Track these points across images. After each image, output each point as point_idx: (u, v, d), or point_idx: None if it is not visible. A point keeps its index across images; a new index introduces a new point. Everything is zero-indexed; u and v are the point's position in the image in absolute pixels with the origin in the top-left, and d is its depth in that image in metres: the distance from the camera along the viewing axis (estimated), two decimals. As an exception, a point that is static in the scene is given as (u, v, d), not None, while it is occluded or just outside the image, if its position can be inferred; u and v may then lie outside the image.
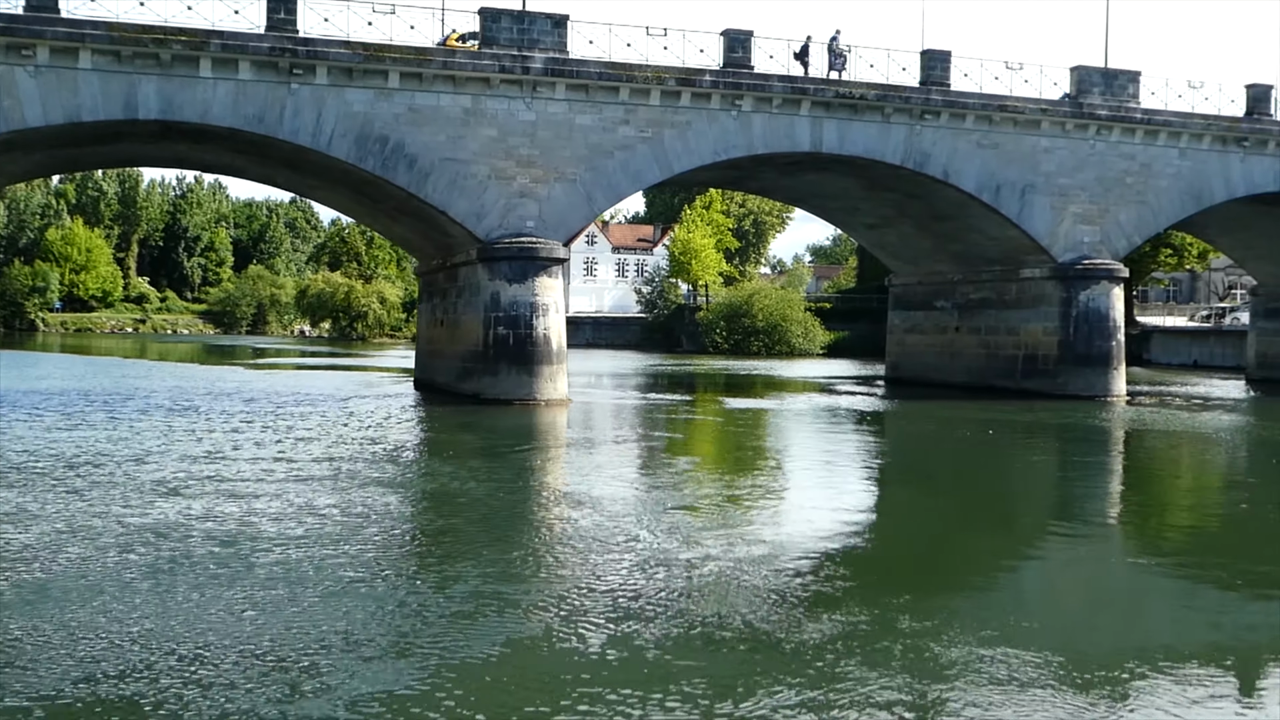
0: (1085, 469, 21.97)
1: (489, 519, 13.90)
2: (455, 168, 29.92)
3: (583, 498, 15.51)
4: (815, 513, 15.19)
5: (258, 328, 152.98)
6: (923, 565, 12.52)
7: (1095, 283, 35.80)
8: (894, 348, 45.28)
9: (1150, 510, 17.50)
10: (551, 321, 30.26)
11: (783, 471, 19.64)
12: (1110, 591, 11.19)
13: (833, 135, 33.26)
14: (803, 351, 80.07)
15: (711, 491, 16.54)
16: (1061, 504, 17.53)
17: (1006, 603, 10.73)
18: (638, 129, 31.59)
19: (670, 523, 13.62)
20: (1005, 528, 15.15)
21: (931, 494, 18.22)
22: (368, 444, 21.03)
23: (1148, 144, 36.61)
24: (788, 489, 17.60)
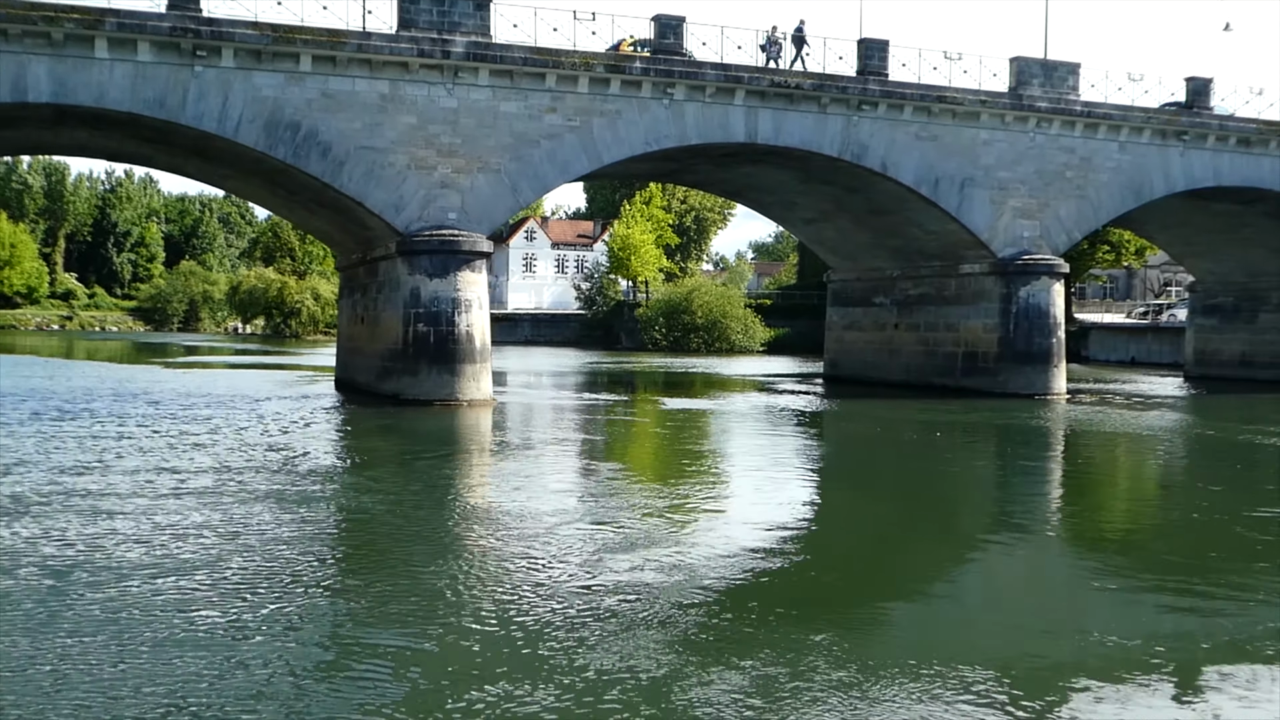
0: (1026, 472, 21.04)
1: (388, 542, 12.51)
2: (372, 156, 28.42)
3: (499, 513, 14.25)
4: (750, 524, 14.05)
5: (190, 325, 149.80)
6: (861, 572, 12.02)
7: (1035, 278, 35.03)
8: (832, 345, 44.33)
9: (1091, 513, 16.65)
10: (475, 318, 28.86)
11: (716, 478, 18.42)
12: (1051, 596, 10.97)
13: (768, 126, 32.16)
14: (743, 348, 79.19)
15: (639, 502, 15.28)
16: (1003, 508, 16.55)
17: (946, 607, 10.47)
18: (565, 117, 30.28)
19: (595, 538, 12.46)
20: (945, 532, 14.35)
21: (871, 498, 17.18)
22: (267, 451, 19.54)
23: (1088, 137, 35.93)
24: (721, 497, 16.40)
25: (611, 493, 16.22)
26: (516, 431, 24.89)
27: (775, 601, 10.05)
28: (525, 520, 13.47)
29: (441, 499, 15.29)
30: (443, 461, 19.55)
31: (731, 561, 11.72)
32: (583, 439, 24.26)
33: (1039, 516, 16.04)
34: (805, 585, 10.90)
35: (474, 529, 13.16)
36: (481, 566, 11.09)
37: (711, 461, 20.78)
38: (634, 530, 13.06)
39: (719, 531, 13.52)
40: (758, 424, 27.65)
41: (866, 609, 10.15)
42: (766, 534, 13.41)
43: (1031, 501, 17.47)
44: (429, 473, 18.10)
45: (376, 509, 14.35)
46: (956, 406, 31.53)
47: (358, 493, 15.52)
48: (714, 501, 15.93)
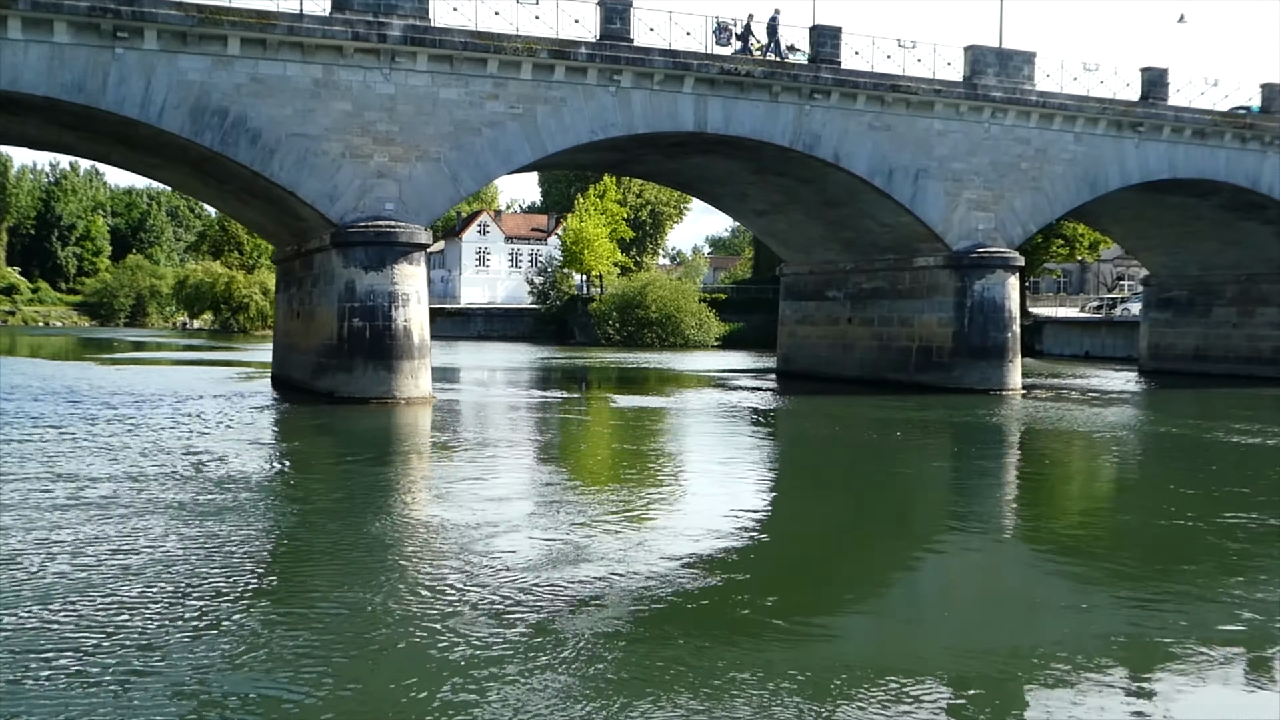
0: (981, 473, 20.23)
1: (295, 560, 11.47)
2: (305, 144, 27.23)
3: (425, 523, 13.23)
4: (696, 530, 13.08)
5: (137, 320, 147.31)
6: (811, 577, 11.51)
7: (990, 272, 34.38)
8: (785, 340, 43.54)
9: (1046, 514, 15.90)
10: (413, 313, 27.75)
11: (661, 483, 17.39)
12: (1005, 598, 10.65)
13: (718, 115, 31.25)
14: (697, 343, 78.38)
15: (576, 508, 14.25)
16: (957, 510, 15.70)
17: (898, 612, 10.20)
18: (508, 105, 29.21)
19: (529, 548, 11.56)
20: (897, 535, 13.67)
21: (822, 500, 16.31)
22: (181, 456, 18.33)
23: (1043, 128, 35.31)
24: (666, 502, 15.39)
25: (550, 499, 15.21)
26: (454, 432, 23.81)
27: (721, 609, 9.60)
28: (452, 531, 12.46)
29: (363, 508, 14.17)
30: (370, 465, 18.44)
31: (676, 569, 10.99)
32: (523, 439, 23.23)
33: (993, 518, 15.35)
34: (752, 591, 10.30)
35: (395, 541, 12.11)
36: (399, 585, 10.07)
37: (657, 464, 19.78)
38: (569, 539, 12.09)
39: (663, 539, 12.59)
40: (706, 423, 26.75)
41: (816, 615, 9.72)
42: (713, 541, 12.55)
43: (986, 502, 16.69)
44: (353, 478, 17.03)
45: (288, 521, 13.29)
46: (911, 403, 30.79)
47: (271, 502, 14.44)
48: (658, 507, 14.94)
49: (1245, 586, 10.61)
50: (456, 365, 51.25)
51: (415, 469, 18.42)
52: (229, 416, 24.96)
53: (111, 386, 33.41)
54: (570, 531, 12.57)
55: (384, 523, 13.06)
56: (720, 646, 8.42)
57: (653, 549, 11.90)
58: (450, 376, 42.15)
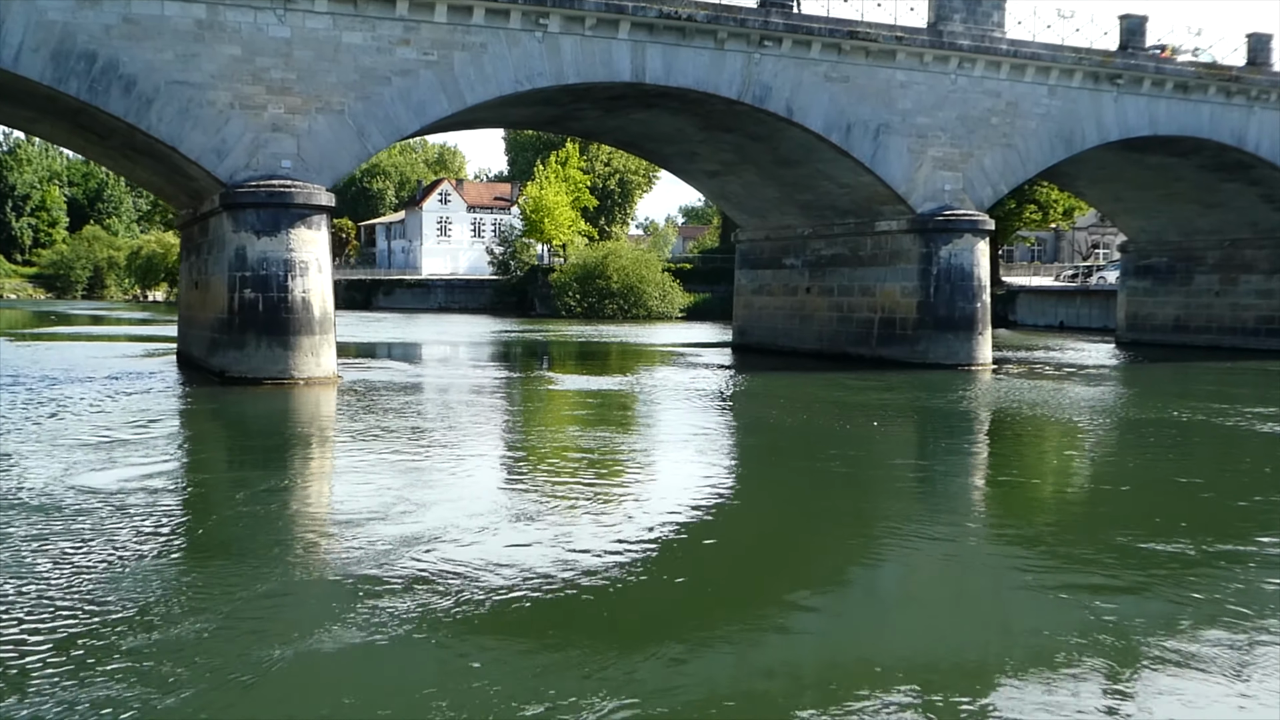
0: (945, 464, 17.46)
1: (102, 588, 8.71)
2: (187, 93, 24.20)
3: (296, 540, 10.44)
4: (632, 529, 10.93)
5: (95, 292, 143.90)
6: (763, 572, 10.06)
7: (958, 236, 31.67)
8: (741, 311, 40.78)
9: (1016, 503, 13.60)
10: (313, 283, 24.83)
11: (587, 481, 14.52)
12: (973, 590, 9.67)
13: (657, 64, 28.34)
14: (660, 315, 75.68)
15: (480, 510, 11.53)
16: (918, 503, 13.18)
17: (858, 605, 9.21)
18: (421, 51, 26.23)
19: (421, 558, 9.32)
20: (856, 526, 12.12)
21: (772, 492, 13.83)
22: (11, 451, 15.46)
23: (1014, 80, 32.54)
24: (593, 502, 12.61)
25: (449, 498, 12.44)
26: (351, 419, 20.85)
27: (660, 608, 8.78)
28: (347, 553, 9.70)
29: (194, 522, 11.37)
30: (230, 463, 15.55)
31: (611, 567, 9.72)
32: (431, 426, 20.17)
33: (958, 509, 13.25)
34: (701, 587, 9.45)
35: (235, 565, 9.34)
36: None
37: (580, 459, 16.82)
38: (471, 539, 10.22)
39: (592, 539, 10.65)
40: (645, 408, 23.69)
41: (770, 611, 8.73)
42: (652, 538, 10.88)
43: (949, 493, 14.06)
44: (201, 478, 14.16)
45: (96, 559, 10.45)
46: (871, 381, 28.07)
47: (69, 514, 11.59)
48: (584, 507, 12.21)
49: (1229, 577, 9.66)
50: (391, 340, 48.46)
51: (286, 465, 15.56)
52: (97, 397, 21.99)
53: (11, 364, 30.37)
54: (473, 534, 10.45)
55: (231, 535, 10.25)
56: (659, 648, 7.66)
57: (580, 549, 10.20)
58: (376, 353, 39.29)
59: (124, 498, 12.15)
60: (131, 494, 12.38)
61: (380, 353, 39.84)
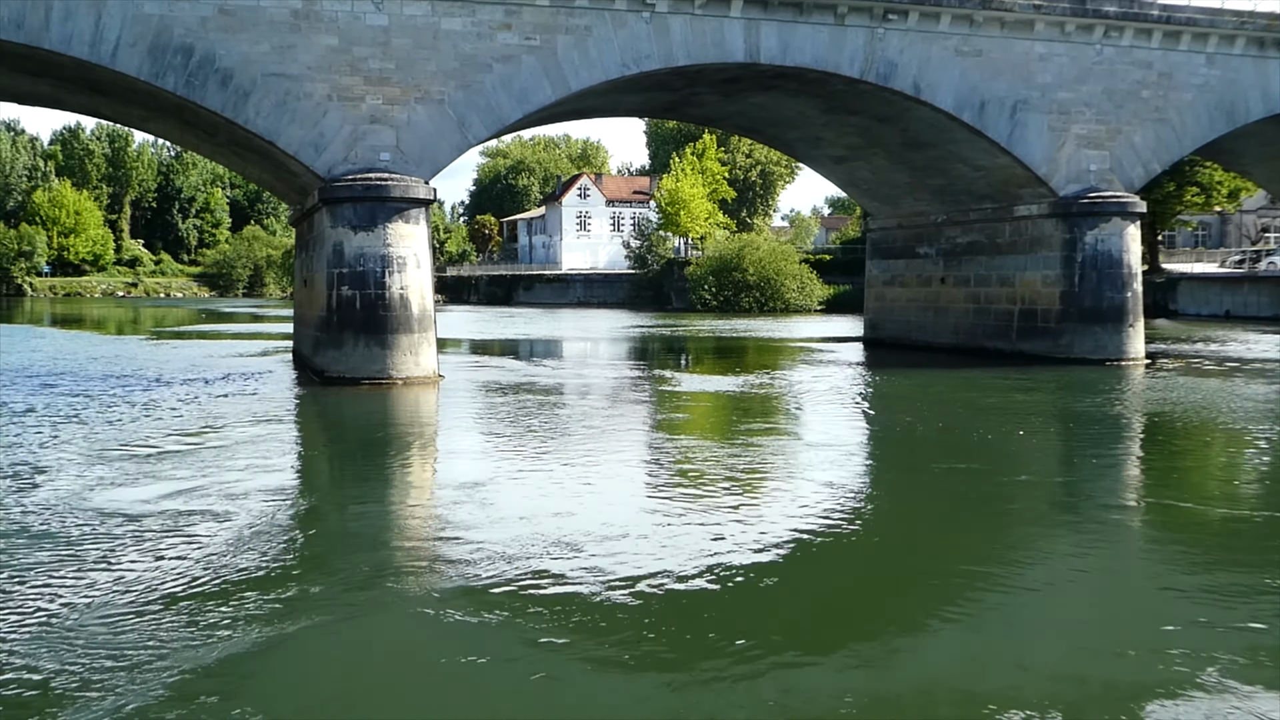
0: (1093, 492, 15.48)
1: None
2: (284, 86, 23.67)
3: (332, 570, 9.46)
4: (764, 537, 10.25)
5: (255, 290, 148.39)
6: (896, 584, 9.56)
7: (1105, 220, 29.20)
8: (872, 303, 38.77)
9: (1175, 514, 11.98)
10: (410, 279, 24.05)
11: (695, 494, 13.06)
12: (1127, 608, 8.73)
13: (773, 42, 26.75)
14: (799, 308, 73.57)
15: (592, 525, 10.53)
16: (1067, 510, 11.61)
17: (996, 621, 8.42)
18: (523, 36, 25.21)
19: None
20: (996, 530, 11.53)
21: (904, 508, 12.19)
22: (66, 463, 14.92)
23: (1167, 49, 29.85)
24: (716, 515, 11.35)
25: (566, 508, 11.36)
26: (445, 423, 19.94)
27: (795, 623, 8.28)
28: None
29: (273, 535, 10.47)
30: (317, 467, 14.70)
31: (738, 577, 9.30)
32: (528, 430, 18.99)
33: (1108, 528, 11.55)
34: (830, 603, 9.00)
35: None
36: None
37: (684, 465, 15.28)
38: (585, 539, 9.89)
39: (722, 550, 10.09)
40: (765, 413, 22.01)
41: (901, 625, 8.26)
42: (772, 554, 10.11)
43: (1100, 512, 12.12)
44: (283, 485, 13.30)
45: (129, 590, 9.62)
46: (1011, 378, 25.94)
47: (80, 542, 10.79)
48: (685, 518, 11.06)
49: None
50: (516, 336, 47.84)
51: (365, 475, 14.61)
52: (189, 399, 21.56)
53: (130, 363, 30.58)
54: (582, 543, 10.13)
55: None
56: (786, 662, 7.35)
57: (697, 561, 9.66)
58: (497, 350, 38.62)
59: (166, 512, 11.30)
60: (166, 510, 11.52)
61: (503, 350, 39.19)
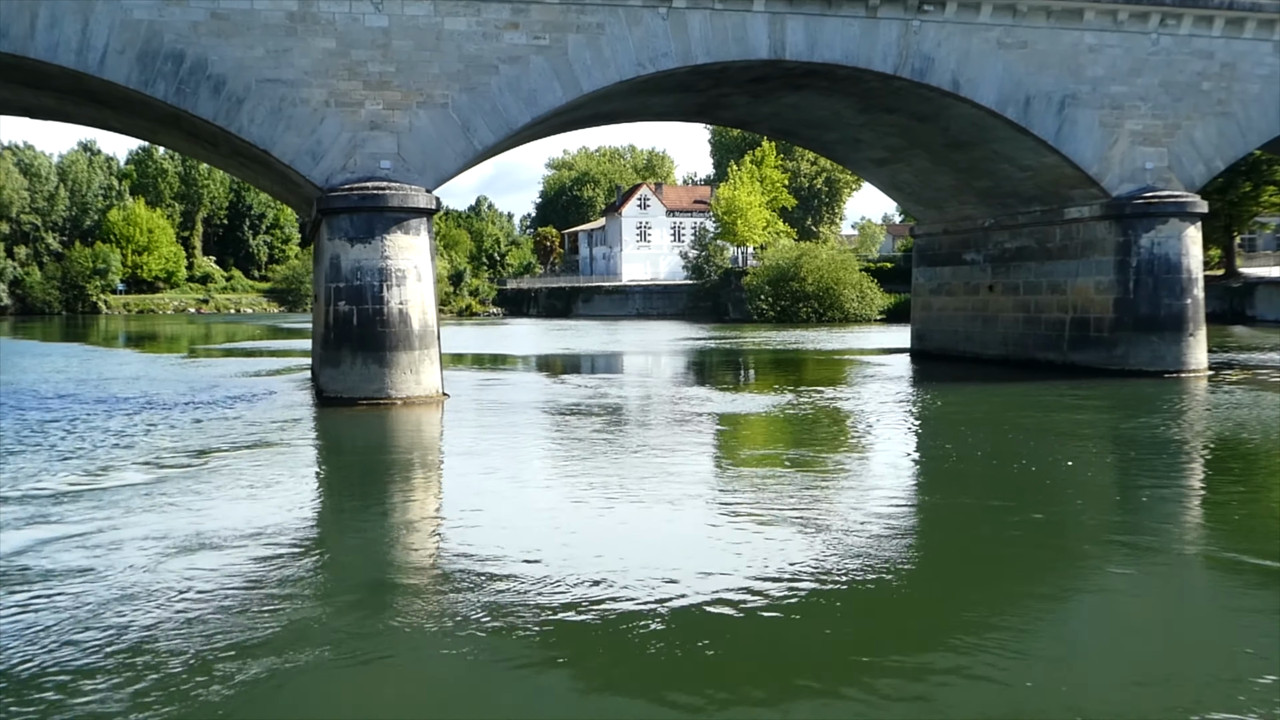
0: (1139, 542, 13.71)
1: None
2: (279, 92, 22.65)
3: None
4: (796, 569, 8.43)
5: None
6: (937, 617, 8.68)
7: (1161, 221, 27.18)
8: (919, 313, 36.88)
9: (1236, 547, 10.28)
10: (410, 293, 22.85)
11: (715, 525, 11.63)
12: (1188, 639, 7.97)
13: (799, 38, 25.21)
14: (859, 317, 71.59)
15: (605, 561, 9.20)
16: (1125, 536, 9.82)
17: (1047, 655, 7.60)
18: (531, 35, 23.96)
19: None
20: (1049, 556, 10.48)
21: (952, 539, 10.65)
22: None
23: (1230, 37, 27.77)
24: (722, 552, 9.97)
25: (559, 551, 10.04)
26: (438, 447, 18.68)
27: (834, 658, 7.70)
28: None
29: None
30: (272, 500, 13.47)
31: (768, 611, 8.63)
32: (533, 454, 17.58)
33: (1170, 546, 10.56)
34: (868, 622, 8.51)
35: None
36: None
37: (705, 496, 13.68)
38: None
39: (729, 585, 9.21)
40: (790, 438, 20.46)
41: (945, 658, 7.57)
42: (797, 586, 9.29)
43: (1147, 552, 10.47)
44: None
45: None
46: (1063, 393, 24.03)
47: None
48: (707, 551, 9.68)
49: None
50: (558, 351, 46.63)
51: (342, 506, 13.35)
52: (180, 420, 20.54)
53: (139, 383, 29.83)
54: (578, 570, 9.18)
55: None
56: (827, 695, 6.92)
57: (727, 592, 9.03)
58: (531, 366, 37.40)
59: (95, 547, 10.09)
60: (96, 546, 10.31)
61: (534, 366, 37.99)
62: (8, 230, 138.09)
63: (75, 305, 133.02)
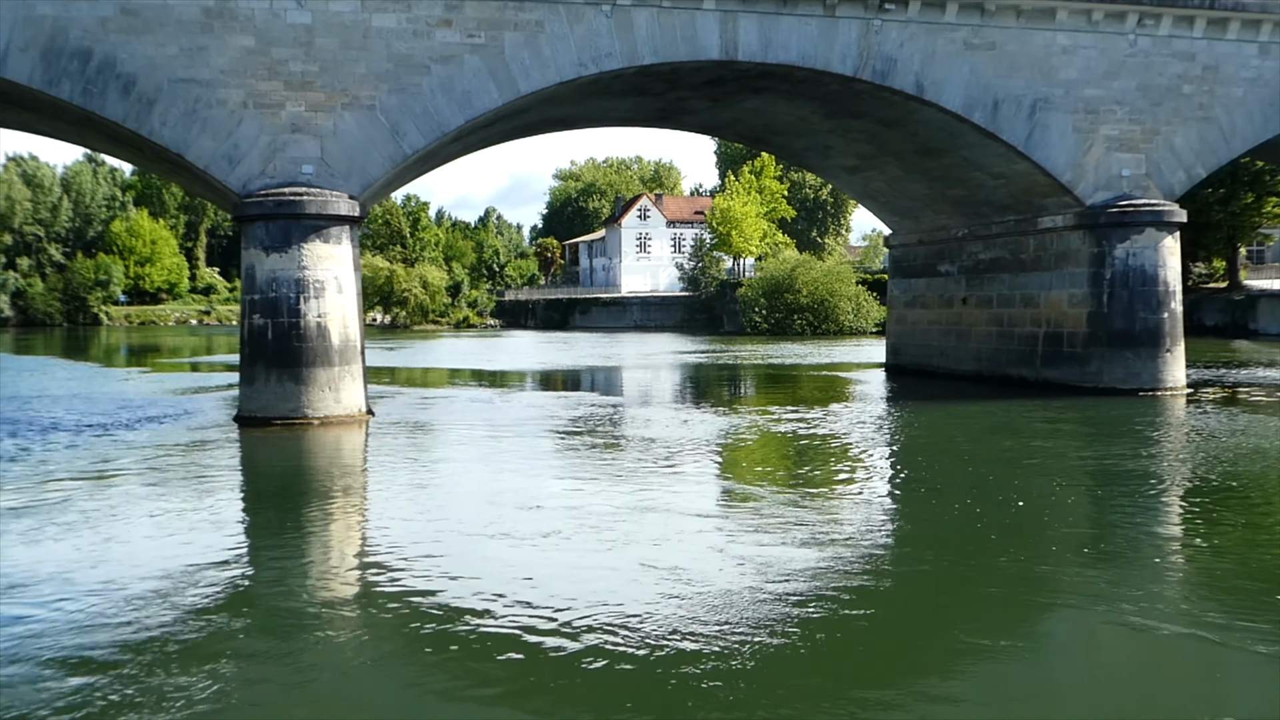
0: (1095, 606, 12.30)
1: None
2: (194, 92, 21.41)
3: None
4: None
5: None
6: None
7: (1137, 231, 25.74)
8: (894, 326, 35.43)
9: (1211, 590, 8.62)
10: (331, 306, 21.55)
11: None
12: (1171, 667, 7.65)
13: (753, 37, 23.88)
14: (854, 330, 70.17)
15: None
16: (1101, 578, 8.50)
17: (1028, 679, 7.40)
18: (465, 33, 22.70)
19: None
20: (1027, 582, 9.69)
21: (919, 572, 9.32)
22: None
23: (1213, 38, 26.35)
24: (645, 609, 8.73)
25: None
26: (348, 472, 17.35)
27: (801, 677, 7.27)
28: None
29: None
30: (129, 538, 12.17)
31: (720, 646, 8.11)
32: (450, 480, 16.29)
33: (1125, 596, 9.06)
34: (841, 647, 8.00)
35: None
36: None
37: (628, 538, 12.48)
38: None
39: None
40: (742, 470, 19.29)
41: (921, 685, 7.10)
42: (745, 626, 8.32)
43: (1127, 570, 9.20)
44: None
45: None
46: (1033, 414, 22.53)
47: None
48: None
49: None
50: (529, 367, 45.36)
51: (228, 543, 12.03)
52: (76, 443, 19.29)
53: (58, 402, 28.65)
54: None
55: None
56: None
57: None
58: (487, 382, 36.14)
59: None
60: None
61: (490, 382, 36.70)
62: (10, 241, 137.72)
63: (76, 317, 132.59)
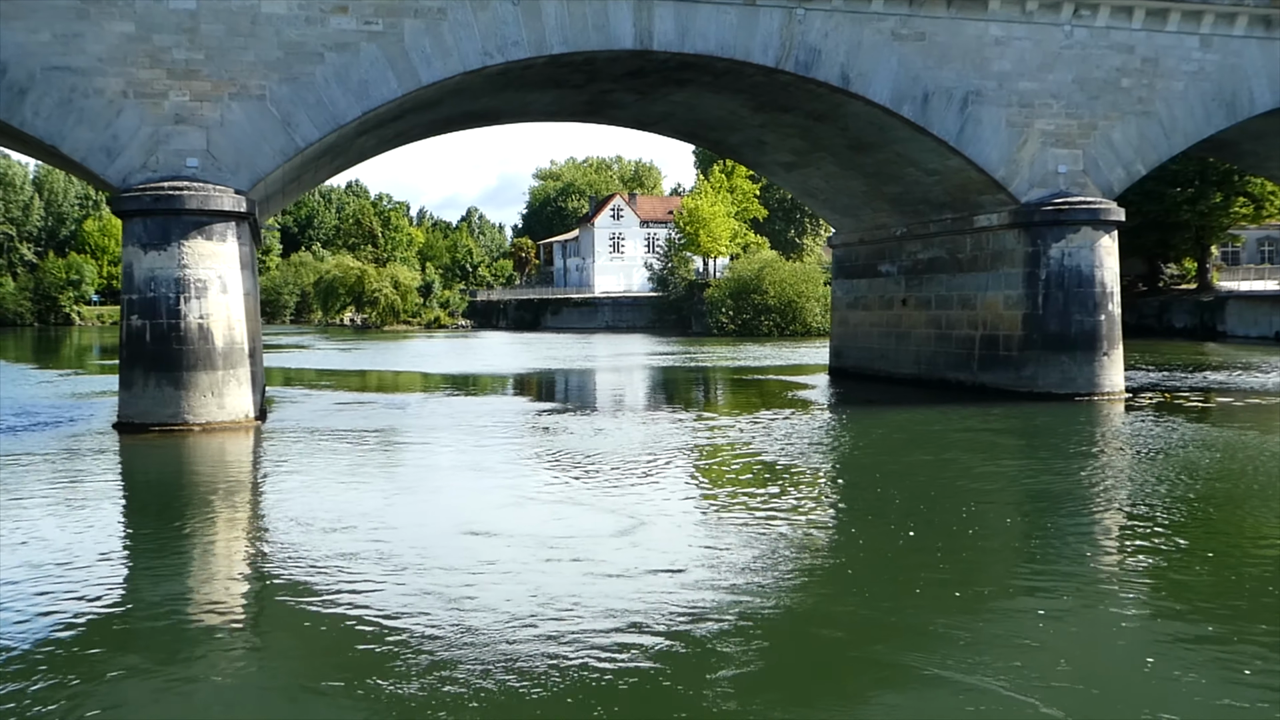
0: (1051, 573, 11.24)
1: None
2: (69, 81, 20.28)
3: None
4: None
5: (301, 316, 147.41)
6: None
7: (1073, 230, 24.73)
8: (837, 328, 34.39)
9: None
10: (214, 306, 20.42)
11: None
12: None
13: (669, 26, 22.83)
14: (821, 330, 69.07)
15: None
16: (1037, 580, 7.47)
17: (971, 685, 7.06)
18: (362, 20, 21.61)
19: None
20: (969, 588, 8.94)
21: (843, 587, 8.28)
22: None
23: (1152, 30, 25.37)
24: None
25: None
26: (221, 483, 16.19)
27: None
28: None
29: None
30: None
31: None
32: (340, 485, 15.20)
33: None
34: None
35: None
36: None
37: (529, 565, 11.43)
38: None
39: None
40: (638, 484, 18.17)
41: None
42: None
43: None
44: None
45: None
46: (968, 421, 21.50)
47: None
48: None
49: None
50: (473, 371, 44.31)
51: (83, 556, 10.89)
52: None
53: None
54: None
55: None
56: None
57: None
58: (415, 386, 35.05)
59: None
60: None
61: (427, 386, 35.60)
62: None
63: (48, 317, 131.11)
